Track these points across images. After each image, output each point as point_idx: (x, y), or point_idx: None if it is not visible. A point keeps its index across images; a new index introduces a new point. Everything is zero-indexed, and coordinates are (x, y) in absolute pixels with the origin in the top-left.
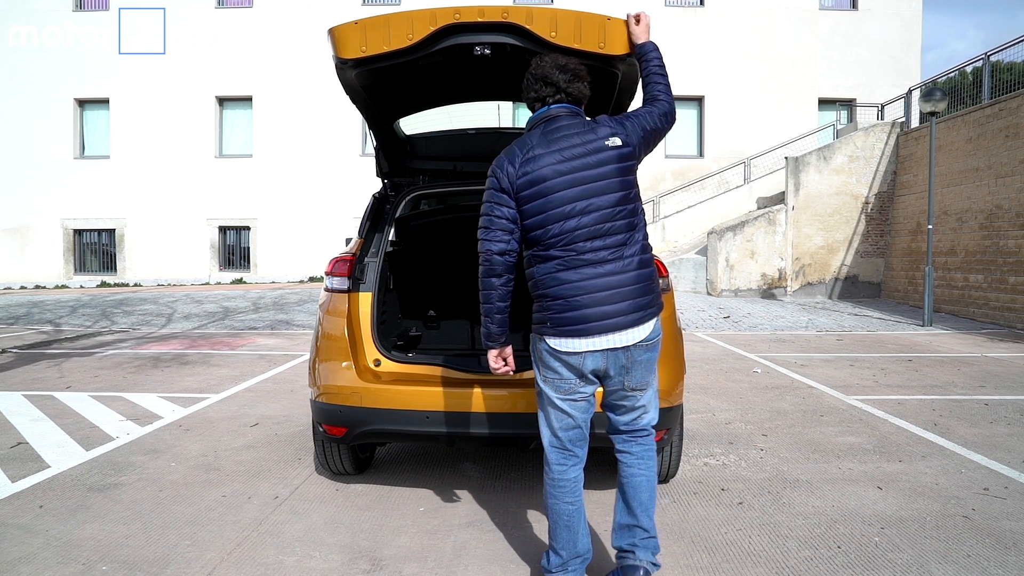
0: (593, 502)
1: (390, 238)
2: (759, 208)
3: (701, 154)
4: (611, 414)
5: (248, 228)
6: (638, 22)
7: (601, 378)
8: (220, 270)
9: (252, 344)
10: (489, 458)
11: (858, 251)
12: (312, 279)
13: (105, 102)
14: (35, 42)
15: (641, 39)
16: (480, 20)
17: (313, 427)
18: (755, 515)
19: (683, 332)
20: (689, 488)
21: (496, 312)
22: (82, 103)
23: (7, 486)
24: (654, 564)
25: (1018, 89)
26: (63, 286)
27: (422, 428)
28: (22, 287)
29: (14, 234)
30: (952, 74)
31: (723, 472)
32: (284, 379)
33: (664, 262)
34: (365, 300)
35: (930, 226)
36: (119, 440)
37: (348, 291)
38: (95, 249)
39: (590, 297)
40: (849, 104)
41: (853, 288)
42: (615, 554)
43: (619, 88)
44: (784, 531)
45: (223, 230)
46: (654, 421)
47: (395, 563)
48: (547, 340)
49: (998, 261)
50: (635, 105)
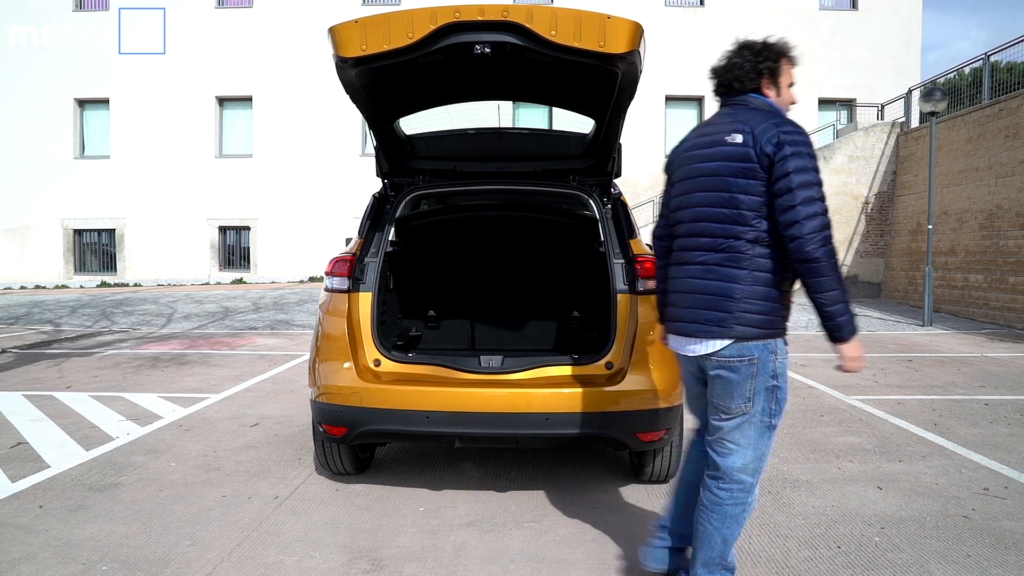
0: (594, 503)
1: (390, 238)
2: None
3: None
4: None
5: (248, 228)
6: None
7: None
8: (220, 270)
9: (252, 344)
10: (489, 458)
11: (858, 251)
12: (312, 279)
13: (105, 102)
14: (35, 42)
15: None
16: (480, 19)
17: (313, 427)
18: (755, 515)
19: None
20: None
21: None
22: (82, 103)
23: (7, 486)
24: None
25: (1018, 89)
26: (63, 286)
27: (422, 428)
28: (22, 287)
29: (14, 234)
30: (952, 74)
31: None
32: (284, 379)
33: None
34: (365, 300)
35: (930, 226)
36: (119, 440)
37: (348, 291)
38: (95, 249)
39: (674, 296)
40: (849, 104)
41: (853, 288)
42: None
43: (619, 87)
44: (784, 531)
45: (223, 230)
46: (736, 467)
47: (395, 563)
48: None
49: (998, 261)
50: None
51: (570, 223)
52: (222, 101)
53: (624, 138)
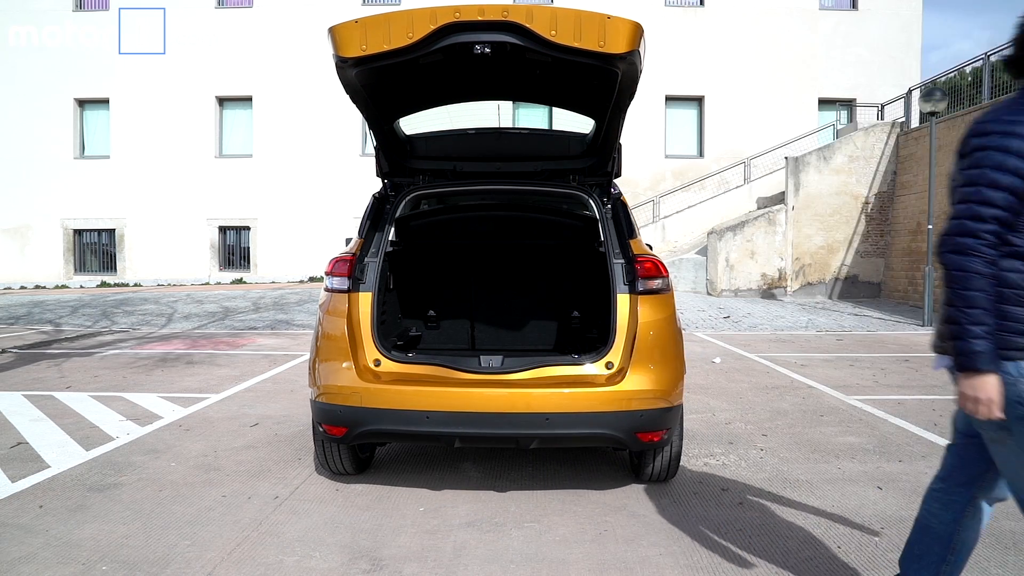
0: (594, 503)
1: (390, 238)
2: (759, 208)
3: (701, 154)
4: None
5: (248, 228)
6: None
7: None
8: (220, 270)
9: (252, 344)
10: (489, 458)
11: (858, 251)
12: (312, 279)
13: (105, 102)
14: (35, 42)
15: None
16: (480, 19)
17: (313, 427)
18: (755, 515)
19: (683, 332)
20: (689, 488)
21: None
22: (82, 103)
23: (7, 486)
24: None
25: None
26: (63, 286)
27: (422, 428)
28: (22, 287)
29: (14, 234)
30: (952, 74)
31: (723, 472)
32: (284, 379)
33: (664, 262)
34: (365, 300)
35: (930, 226)
36: (119, 440)
37: (348, 291)
38: (95, 249)
39: None
40: (849, 104)
41: (853, 288)
42: None
43: (619, 87)
44: (784, 531)
45: (223, 230)
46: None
47: (395, 563)
48: None
49: None
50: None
51: (570, 223)
52: (222, 101)
53: (624, 138)
